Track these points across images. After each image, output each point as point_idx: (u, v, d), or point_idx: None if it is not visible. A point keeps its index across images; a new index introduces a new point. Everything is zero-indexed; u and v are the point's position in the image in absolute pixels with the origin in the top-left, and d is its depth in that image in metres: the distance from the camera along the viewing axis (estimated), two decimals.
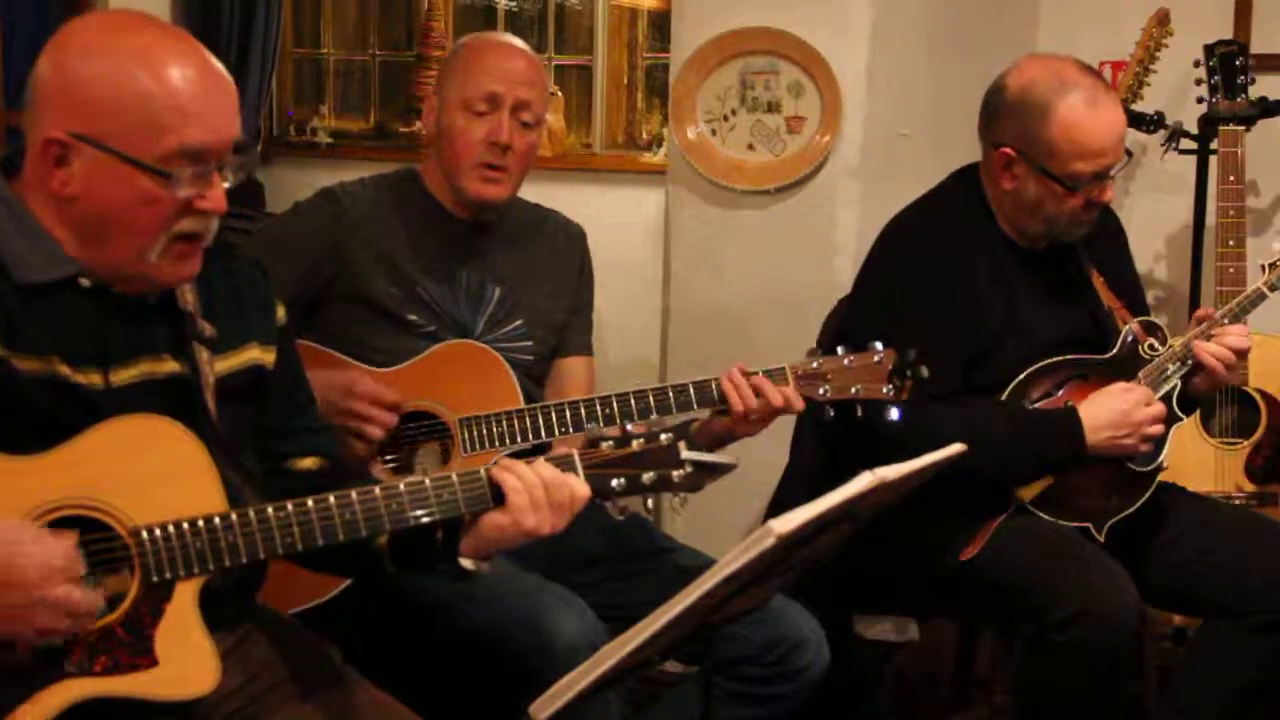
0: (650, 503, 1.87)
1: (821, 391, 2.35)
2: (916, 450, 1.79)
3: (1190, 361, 2.53)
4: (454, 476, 1.77)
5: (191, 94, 1.68)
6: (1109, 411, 2.48)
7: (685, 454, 1.83)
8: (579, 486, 1.80)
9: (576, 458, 1.82)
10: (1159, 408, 2.51)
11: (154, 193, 1.68)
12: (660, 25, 4.49)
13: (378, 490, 1.75)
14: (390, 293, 2.49)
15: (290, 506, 1.71)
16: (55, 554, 1.59)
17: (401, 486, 1.76)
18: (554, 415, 2.37)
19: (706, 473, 1.84)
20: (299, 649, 1.91)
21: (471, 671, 2.35)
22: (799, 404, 2.34)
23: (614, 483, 1.82)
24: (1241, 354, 2.54)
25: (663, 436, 1.82)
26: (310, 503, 1.72)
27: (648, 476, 1.82)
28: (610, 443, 1.83)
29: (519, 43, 2.59)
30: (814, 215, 3.37)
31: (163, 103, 1.67)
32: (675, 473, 1.82)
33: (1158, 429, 2.50)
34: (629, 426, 1.84)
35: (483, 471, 1.79)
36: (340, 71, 5.24)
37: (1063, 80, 2.49)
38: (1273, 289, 2.59)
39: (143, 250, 1.71)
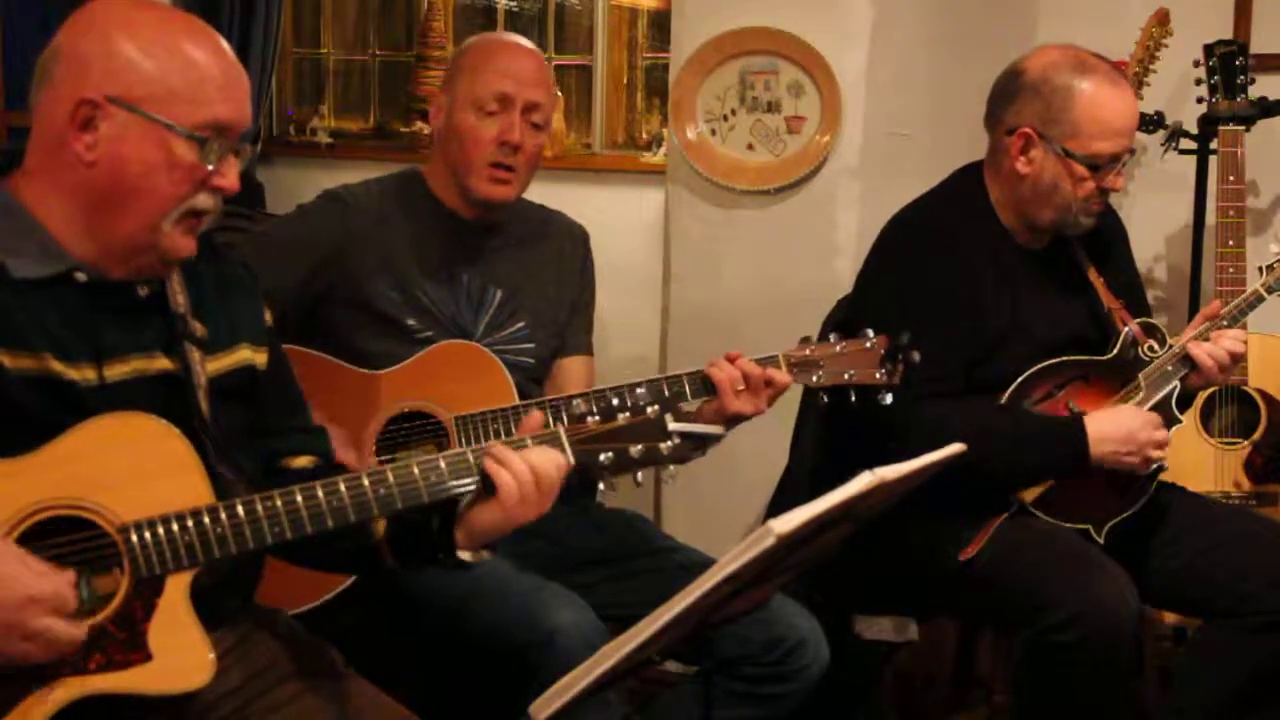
0: (639, 476, 1.85)
1: (815, 378, 2.35)
2: (920, 448, 1.79)
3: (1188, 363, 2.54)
4: (440, 460, 1.77)
5: (224, 72, 1.74)
6: (1117, 426, 2.49)
7: (672, 425, 1.82)
8: (565, 468, 1.80)
9: (563, 434, 1.81)
10: (1165, 434, 2.51)
11: (186, 159, 1.71)
12: (660, 25, 4.49)
13: (364, 477, 1.75)
14: (390, 297, 2.48)
15: (278, 497, 1.71)
16: (45, 587, 1.59)
17: (389, 473, 1.76)
18: (549, 412, 2.37)
19: (693, 443, 1.84)
20: (299, 649, 1.91)
21: (471, 671, 2.35)
22: (784, 378, 2.34)
23: (601, 457, 1.81)
24: (1236, 358, 2.54)
25: (648, 409, 1.82)
26: (297, 492, 1.72)
27: (635, 450, 1.81)
28: (596, 417, 1.82)
29: (528, 43, 2.59)
30: (814, 215, 3.37)
31: (202, 76, 1.71)
32: (662, 444, 1.82)
33: (1160, 454, 2.51)
34: (614, 400, 1.83)
35: (470, 455, 1.78)
36: (340, 71, 5.24)
37: (1083, 62, 2.52)
38: (1270, 291, 2.59)
39: (157, 220, 1.72)
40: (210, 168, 1.72)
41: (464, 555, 1.83)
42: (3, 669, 1.60)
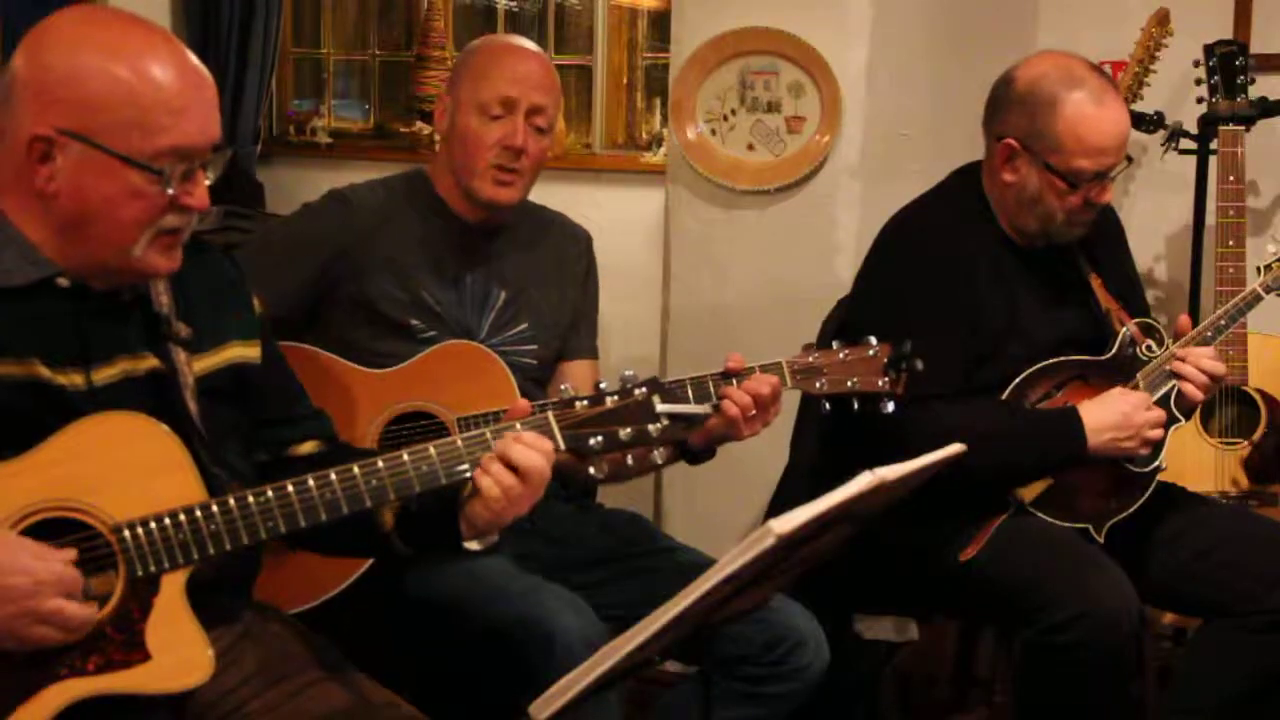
0: (629, 459, 1.85)
1: (818, 385, 2.35)
2: (919, 449, 1.79)
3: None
4: (431, 448, 1.77)
5: (180, 93, 1.70)
6: (1111, 414, 2.49)
7: (660, 407, 1.81)
8: (554, 455, 1.80)
9: (552, 419, 1.81)
10: (1159, 412, 2.51)
11: (144, 189, 1.69)
12: (660, 25, 4.49)
13: (356, 468, 1.74)
14: (394, 297, 2.48)
15: (270, 491, 1.71)
16: (51, 570, 1.59)
17: (380, 463, 1.75)
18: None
19: (682, 424, 1.83)
20: (298, 646, 1.91)
21: (471, 671, 2.35)
22: (777, 384, 2.33)
23: (591, 441, 1.81)
24: (1217, 378, 2.54)
25: (636, 392, 1.81)
26: (290, 485, 1.72)
27: (625, 432, 1.81)
28: (585, 402, 1.82)
29: (533, 46, 2.59)
30: (814, 215, 3.37)
31: (154, 100, 1.68)
32: (651, 426, 1.81)
33: (1158, 433, 2.51)
34: (602, 384, 1.83)
35: (461, 444, 1.78)
36: (340, 71, 5.24)
37: (1072, 76, 2.49)
38: (1269, 290, 2.59)
39: (127, 245, 1.71)
40: (171, 192, 1.70)
41: (470, 545, 1.83)
42: (22, 652, 1.60)
